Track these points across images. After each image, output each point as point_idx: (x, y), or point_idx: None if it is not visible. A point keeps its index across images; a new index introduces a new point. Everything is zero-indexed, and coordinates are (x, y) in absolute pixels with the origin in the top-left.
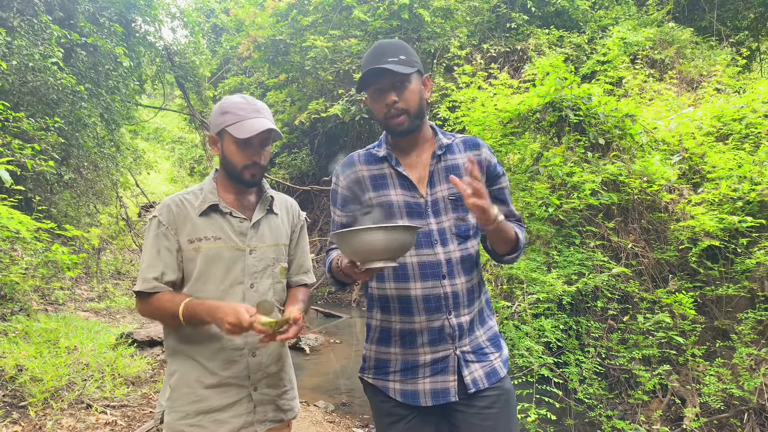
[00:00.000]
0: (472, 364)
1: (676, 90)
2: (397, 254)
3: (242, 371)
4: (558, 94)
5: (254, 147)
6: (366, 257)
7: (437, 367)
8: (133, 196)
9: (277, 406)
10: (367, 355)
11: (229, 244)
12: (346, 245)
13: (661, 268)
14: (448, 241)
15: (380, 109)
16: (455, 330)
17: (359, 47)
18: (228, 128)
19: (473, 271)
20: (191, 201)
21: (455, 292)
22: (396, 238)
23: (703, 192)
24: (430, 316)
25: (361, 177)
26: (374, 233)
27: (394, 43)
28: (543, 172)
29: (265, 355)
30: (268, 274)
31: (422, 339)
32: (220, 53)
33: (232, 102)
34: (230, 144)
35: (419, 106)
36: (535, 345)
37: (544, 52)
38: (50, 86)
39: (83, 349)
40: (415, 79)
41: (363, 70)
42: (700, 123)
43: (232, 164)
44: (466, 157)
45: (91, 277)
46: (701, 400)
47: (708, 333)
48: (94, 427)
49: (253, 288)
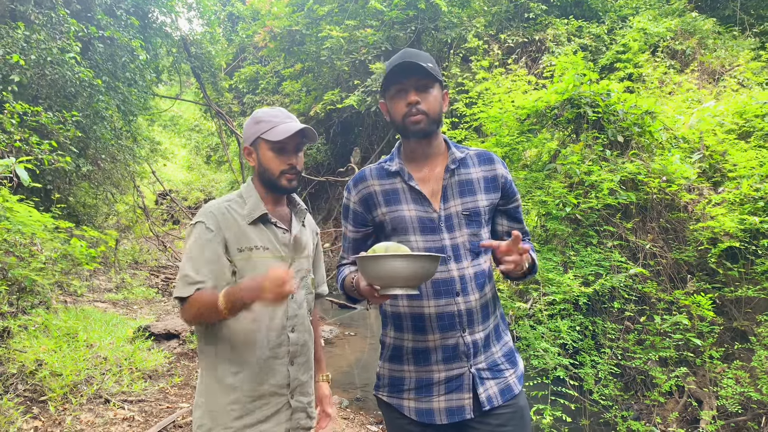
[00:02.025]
0: (487, 381)
1: (697, 82)
2: (419, 282)
3: (283, 380)
4: (576, 91)
5: (289, 152)
6: (387, 283)
7: (452, 385)
8: (150, 184)
9: (307, 414)
10: (381, 373)
11: (276, 255)
12: (368, 270)
13: (679, 269)
14: (462, 257)
15: (400, 109)
16: (470, 348)
17: (375, 37)
18: (263, 135)
19: (487, 286)
20: (236, 209)
21: (469, 309)
22: (420, 266)
23: (723, 191)
24: (444, 333)
25: (372, 192)
26: (398, 261)
27: (423, 52)
28: (560, 170)
29: (300, 364)
30: (303, 285)
31: (436, 357)
32: (236, 42)
33: (265, 111)
34: (266, 151)
35: (438, 114)
36: (551, 347)
37: (562, 42)
38: (68, 80)
39: (101, 342)
40: (437, 88)
41: (390, 68)
42: (722, 119)
43: (270, 171)
44: (480, 171)
45: (109, 267)
46: (719, 403)
47: (726, 334)
48: (112, 422)
49: (293, 299)
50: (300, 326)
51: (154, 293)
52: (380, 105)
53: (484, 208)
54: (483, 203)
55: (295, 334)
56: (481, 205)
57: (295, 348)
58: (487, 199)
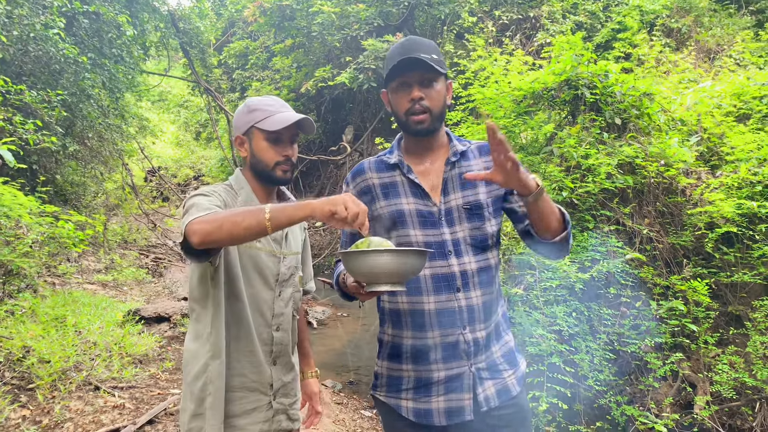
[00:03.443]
0: (486, 381)
1: (693, 61)
2: (406, 278)
3: (267, 378)
4: (574, 72)
5: (285, 143)
6: (371, 280)
7: (452, 384)
8: (138, 161)
9: (288, 416)
10: (379, 372)
11: (267, 248)
12: (351, 266)
13: (675, 253)
14: (463, 252)
15: (403, 104)
16: (470, 346)
17: (367, 13)
18: (258, 124)
19: (491, 284)
20: (229, 198)
21: (470, 306)
22: (403, 262)
23: (721, 175)
24: (443, 330)
25: (371, 185)
26: (381, 256)
27: (427, 41)
28: (557, 153)
29: (283, 365)
30: (291, 283)
31: (436, 355)
32: (225, 16)
33: (259, 100)
34: (260, 141)
35: (442, 108)
36: (547, 333)
37: (557, 20)
38: (52, 56)
39: (90, 327)
40: (441, 81)
41: (392, 60)
42: (719, 101)
43: (264, 162)
44: (482, 163)
45: (98, 247)
46: (713, 389)
47: (721, 318)
48: (102, 410)
49: (280, 296)
50: (285, 325)
51: (144, 274)
52: (382, 95)
53: (486, 201)
54: (483, 196)
55: (279, 333)
56: (482, 198)
57: (279, 348)
58: (488, 192)
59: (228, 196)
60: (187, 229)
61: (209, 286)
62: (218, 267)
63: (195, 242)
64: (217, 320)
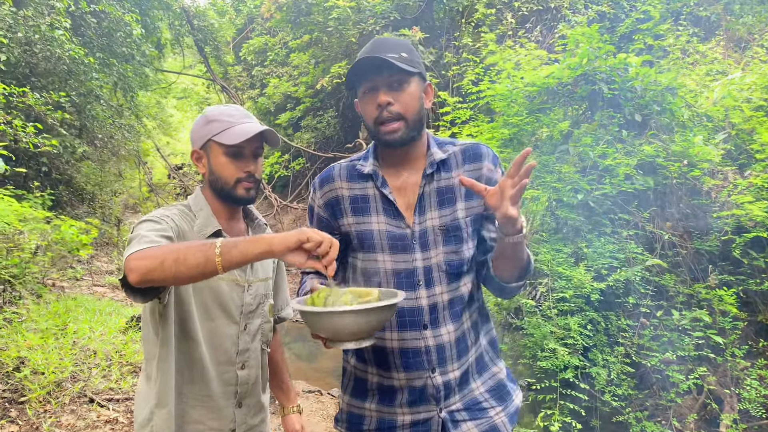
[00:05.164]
0: (463, 424)
1: (722, 51)
2: (370, 334)
3: (228, 423)
4: (591, 66)
5: (247, 157)
6: (335, 338)
7: (417, 429)
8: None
9: None
10: (341, 407)
11: (229, 277)
12: (310, 323)
13: (700, 259)
14: (434, 282)
15: (370, 112)
16: (440, 390)
17: (383, 6)
18: (215, 137)
19: (465, 314)
20: (184, 222)
21: (440, 345)
22: (370, 320)
23: (750, 175)
24: (409, 373)
25: (339, 197)
26: (343, 318)
27: (397, 40)
28: (573, 153)
29: (249, 406)
30: (258, 313)
31: (401, 398)
32: (244, 12)
33: (219, 109)
34: (219, 156)
35: (418, 114)
36: (560, 347)
37: (579, 10)
38: (59, 58)
39: (92, 334)
40: (415, 82)
41: (354, 64)
42: (749, 94)
43: (223, 180)
44: (464, 173)
45: (112, 248)
46: (740, 407)
47: (750, 328)
48: (94, 425)
49: (245, 330)
50: (252, 362)
51: None
52: (355, 105)
53: (464, 220)
54: (461, 213)
55: (245, 372)
56: (460, 216)
57: (245, 388)
58: (467, 208)
59: (183, 220)
60: (125, 265)
61: (158, 324)
62: (167, 303)
63: (133, 281)
64: (165, 363)
